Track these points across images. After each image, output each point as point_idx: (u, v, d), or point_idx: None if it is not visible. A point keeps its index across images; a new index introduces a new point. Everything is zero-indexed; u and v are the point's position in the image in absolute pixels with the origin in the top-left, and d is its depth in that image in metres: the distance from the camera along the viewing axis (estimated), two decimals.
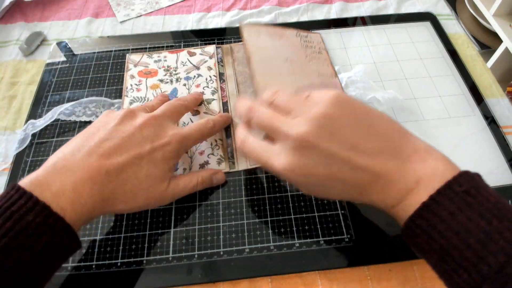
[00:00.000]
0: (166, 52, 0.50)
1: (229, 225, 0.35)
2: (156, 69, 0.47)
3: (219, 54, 0.49)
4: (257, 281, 0.33)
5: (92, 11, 0.58)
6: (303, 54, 0.46)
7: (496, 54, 1.09)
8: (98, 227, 0.36)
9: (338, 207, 0.36)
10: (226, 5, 0.58)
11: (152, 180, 0.31)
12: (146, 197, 0.31)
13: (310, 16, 0.56)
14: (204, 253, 0.34)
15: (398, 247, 0.34)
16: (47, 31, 0.55)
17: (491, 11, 1.07)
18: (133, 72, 0.47)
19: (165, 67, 0.48)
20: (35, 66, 0.50)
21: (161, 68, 0.47)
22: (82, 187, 0.28)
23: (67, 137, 0.42)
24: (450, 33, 0.52)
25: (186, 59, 0.48)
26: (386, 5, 0.56)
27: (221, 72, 0.47)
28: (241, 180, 0.38)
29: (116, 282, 0.33)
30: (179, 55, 0.49)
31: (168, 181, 0.33)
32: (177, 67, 0.48)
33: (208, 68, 0.47)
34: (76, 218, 0.27)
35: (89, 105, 0.44)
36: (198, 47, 0.50)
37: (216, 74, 0.46)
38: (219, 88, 0.45)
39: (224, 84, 0.46)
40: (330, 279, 0.33)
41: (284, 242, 0.34)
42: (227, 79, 0.47)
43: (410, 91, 0.45)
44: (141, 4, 0.59)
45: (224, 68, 0.48)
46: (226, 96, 0.45)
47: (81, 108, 0.44)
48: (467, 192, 0.23)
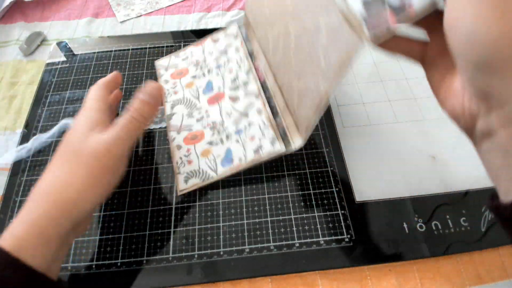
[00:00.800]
0: (192, 46, 0.48)
1: (229, 225, 0.35)
2: (186, 67, 0.46)
3: (244, 31, 0.47)
4: (257, 281, 0.33)
5: (92, 11, 0.58)
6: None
7: None
8: (98, 227, 0.36)
9: (338, 207, 0.36)
10: (226, 5, 0.58)
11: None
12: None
13: None
14: (204, 253, 0.34)
15: (398, 247, 0.34)
16: (47, 31, 0.55)
17: None
18: (166, 77, 0.46)
19: (194, 62, 0.47)
20: (35, 66, 0.50)
21: (191, 65, 0.46)
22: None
23: None
24: None
25: (212, 47, 0.47)
26: None
27: (250, 50, 0.44)
28: (241, 180, 0.38)
29: (116, 282, 0.33)
30: (204, 46, 0.48)
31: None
32: (205, 58, 0.46)
33: (236, 50, 0.45)
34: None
35: None
36: (220, 31, 0.48)
37: (245, 53, 0.44)
38: (252, 67, 0.42)
39: (256, 61, 0.42)
40: (330, 279, 0.33)
41: (284, 242, 0.34)
42: (258, 55, 0.43)
43: (410, 91, 0.45)
44: (141, 4, 0.59)
45: (251, 44, 0.44)
46: (262, 74, 0.41)
47: None
48: None
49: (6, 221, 0.36)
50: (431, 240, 0.34)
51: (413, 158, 0.39)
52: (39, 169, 0.40)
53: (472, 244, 0.34)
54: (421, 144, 0.40)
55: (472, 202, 0.36)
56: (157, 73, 0.47)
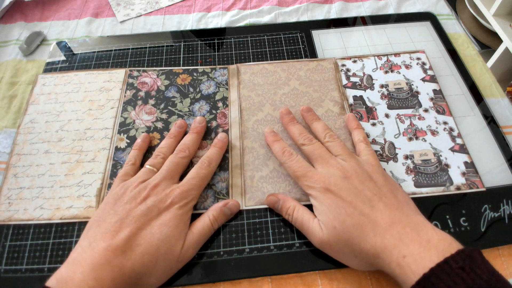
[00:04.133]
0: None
1: (229, 225, 0.35)
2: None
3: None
4: (257, 281, 0.33)
5: (92, 11, 0.58)
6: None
7: (496, 54, 1.09)
8: None
9: None
10: (226, 5, 0.58)
11: (168, 242, 0.31)
12: (168, 262, 0.31)
13: (310, 16, 0.56)
14: (204, 253, 0.34)
15: None
16: (47, 31, 0.55)
17: (491, 11, 1.07)
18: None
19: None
20: (35, 66, 0.50)
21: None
22: (101, 272, 0.28)
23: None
24: (450, 33, 0.52)
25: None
26: (386, 5, 0.56)
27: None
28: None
29: None
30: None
31: (184, 237, 0.33)
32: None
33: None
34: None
35: None
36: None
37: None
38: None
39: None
40: (330, 279, 0.33)
41: (284, 242, 0.34)
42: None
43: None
44: (141, 4, 0.59)
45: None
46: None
47: None
48: (462, 269, 0.25)
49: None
50: None
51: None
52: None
53: (472, 244, 0.34)
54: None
55: (471, 202, 0.36)
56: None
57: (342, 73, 0.46)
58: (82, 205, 0.37)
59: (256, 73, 0.47)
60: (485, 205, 0.36)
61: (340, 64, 0.47)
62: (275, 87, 0.45)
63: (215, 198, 0.37)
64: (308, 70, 0.47)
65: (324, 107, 0.43)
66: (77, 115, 0.44)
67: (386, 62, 0.47)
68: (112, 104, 0.44)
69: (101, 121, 0.43)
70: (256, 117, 0.42)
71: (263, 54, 0.49)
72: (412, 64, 0.47)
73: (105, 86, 0.46)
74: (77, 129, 0.42)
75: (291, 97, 0.44)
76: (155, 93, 0.45)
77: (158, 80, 0.46)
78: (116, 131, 0.42)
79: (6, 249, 0.35)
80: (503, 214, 0.35)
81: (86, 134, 0.42)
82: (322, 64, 0.47)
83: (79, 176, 0.39)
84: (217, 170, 0.38)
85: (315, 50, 0.50)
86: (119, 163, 0.39)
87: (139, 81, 0.46)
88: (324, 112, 0.43)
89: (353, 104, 0.44)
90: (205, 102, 0.44)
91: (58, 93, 0.46)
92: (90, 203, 0.37)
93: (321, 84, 0.45)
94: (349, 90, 0.45)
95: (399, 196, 0.32)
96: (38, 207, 0.37)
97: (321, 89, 0.45)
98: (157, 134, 0.42)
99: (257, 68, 0.47)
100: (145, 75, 0.47)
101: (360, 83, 0.45)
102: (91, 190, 0.38)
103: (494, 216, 0.35)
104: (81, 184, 0.38)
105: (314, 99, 0.44)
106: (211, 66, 0.48)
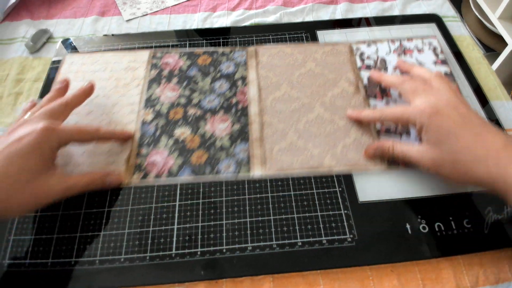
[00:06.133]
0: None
1: (232, 223, 0.36)
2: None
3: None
4: (259, 279, 0.33)
5: (98, 9, 0.58)
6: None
7: (501, 57, 1.09)
8: (102, 222, 0.36)
9: (341, 207, 0.36)
10: (232, 5, 0.58)
11: (27, 173, 0.31)
12: (29, 193, 0.32)
13: (315, 16, 0.56)
14: (207, 250, 0.34)
15: (400, 248, 0.34)
16: (53, 28, 0.55)
17: (496, 14, 1.07)
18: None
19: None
20: (41, 64, 0.51)
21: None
22: None
23: None
24: (455, 35, 0.52)
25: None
26: (391, 6, 0.56)
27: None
28: (244, 179, 0.38)
29: (119, 277, 0.33)
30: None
31: (51, 175, 0.33)
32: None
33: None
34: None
35: None
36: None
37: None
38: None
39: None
40: (332, 278, 0.33)
41: (287, 241, 0.34)
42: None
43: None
44: (147, 3, 0.59)
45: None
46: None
47: None
48: None
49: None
50: (433, 241, 0.34)
51: None
52: None
53: (475, 245, 0.34)
54: None
55: (475, 204, 0.36)
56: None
57: (357, 56, 0.49)
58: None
59: (274, 55, 0.49)
60: (489, 207, 0.36)
61: (354, 48, 0.50)
62: (292, 68, 0.47)
63: (236, 166, 0.39)
64: (324, 53, 0.49)
65: (339, 87, 0.45)
66: (104, 91, 0.46)
67: (399, 46, 0.49)
68: (138, 82, 0.47)
69: (127, 97, 0.45)
70: (274, 96, 0.45)
71: None
72: (424, 49, 0.49)
73: (130, 66, 0.48)
74: (105, 104, 0.45)
75: (307, 77, 0.46)
76: (177, 72, 0.48)
77: (180, 61, 0.49)
78: (142, 106, 0.44)
79: (10, 243, 0.35)
80: (506, 216, 0.35)
81: (114, 108, 0.44)
82: (337, 48, 0.50)
83: (108, 146, 0.41)
84: (238, 141, 0.41)
85: None
86: (145, 135, 0.42)
87: (162, 61, 0.49)
88: (339, 92, 0.45)
89: (367, 85, 0.45)
90: (225, 80, 0.46)
91: (85, 71, 0.48)
92: (120, 169, 0.39)
93: (336, 66, 0.47)
94: (363, 72, 0.47)
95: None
96: (69, 172, 0.39)
97: (336, 71, 0.47)
98: (180, 109, 0.44)
99: (274, 51, 0.49)
100: (168, 56, 0.49)
101: (374, 66, 0.47)
102: (120, 158, 0.40)
103: (497, 218, 0.35)
104: (110, 153, 0.40)
105: (330, 79, 0.46)
106: (230, 48, 0.50)
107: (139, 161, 0.40)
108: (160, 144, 0.41)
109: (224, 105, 0.44)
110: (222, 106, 0.44)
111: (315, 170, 0.38)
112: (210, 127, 0.42)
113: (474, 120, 0.33)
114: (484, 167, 0.30)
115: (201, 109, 0.44)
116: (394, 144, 0.37)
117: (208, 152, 0.40)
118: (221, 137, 0.41)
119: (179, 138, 0.41)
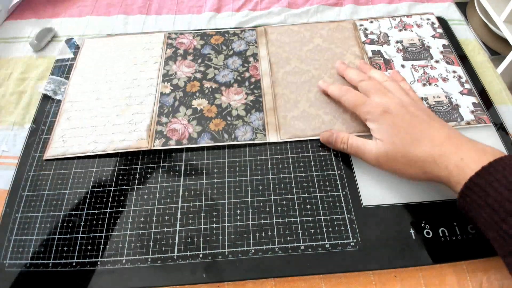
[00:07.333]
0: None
1: (235, 226, 0.35)
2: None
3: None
4: (261, 282, 0.33)
5: (104, 9, 0.58)
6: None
7: (507, 61, 1.08)
8: (104, 224, 0.36)
9: (345, 211, 0.36)
10: (236, 6, 0.58)
11: None
12: None
13: (320, 18, 0.56)
14: (209, 253, 0.34)
15: (404, 253, 0.33)
16: (58, 27, 0.55)
17: (502, 17, 1.06)
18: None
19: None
20: (45, 62, 0.51)
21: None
22: None
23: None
24: (460, 38, 0.51)
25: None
26: (396, 9, 0.56)
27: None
28: (247, 181, 0.38)
29: (121, 279, 0.33)
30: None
31: None
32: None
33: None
34: None
35: None
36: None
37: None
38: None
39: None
40: (334, 283, 0.33)
41: (289, 245, 0.34)
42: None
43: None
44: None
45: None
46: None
47: None
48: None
49: (12, 215, 0.37)
50: (437, 246, 0.34)
51: None
52: (46, 163, 0.40)
53: (479, 251, 0.33)
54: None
55: None
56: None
57: (361, 32, 0.52)
58: (134, 137, 0.41)
59: (282, 33, 0.52)
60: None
61: (358, 24, 0.53)
62: (301, 44, 0.51)
63: (253, 133, 0.42)
64: (330, 29, 0.52)
65: (346, 60, 0.48)
66: (123, 69, 0.49)
67: (400, 22, 0.53)
68: (155, 60, 0.50)
69: (146, 73, 0.48)
70: (285, 69, 0.48)
71: None
72: (422, 24, 0.53)
73: (147, 46, 0.51)
74: (125, 79, 0.47)
75: (315, 52, 0.49)
76: (192, 50, 0.51)
77: (194, 41, 0.52)
78: (160, 80, 0.47)
79: (11, 244, 0.35)
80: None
81: (133, 83, 0.47)
82: (342, 25, 0.53)
83: (130, 116, 0.43)
84: (253, 111, 0.44)
85: None
86: (164, 105, 0.44)
87: (177, 41, 0.52)
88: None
89: (372, 57, 0.49)
90: (237, 57, 0.50)
91: (104, 52, 0.51)
92: (142, 136, 0.41)
93: (342, 41, 0.51)
94: (367, 46, 0.50)
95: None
96: (92, 141, 0.41)
97: (342, 45, 0.50)
98: (197, 83, 0.47)
99: (282, 29, 0.53)
100: (182, 37, 0.53)
101: (377, 40, 0.51)
102: (142, 126, 0.42)
103: None
104: (132, 122, 0.43)
105: (337, 53, 0.49)
106: (240, 28, 0.54)
107: (160, 129, 0.42)
108: (179, 113, 0.44)
109: (238, 78, 0.47)
110: (236, 80, 0.47)
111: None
112: (226, 98, 0.45)
113: (422, 117, 0.35)
114: (431, 159, 0.32)
115: (217, 83, 0.47)
116: (350, 136, 0.38)
117: (225, 121, 0.43)
118: (236, 107, 0.44)
119: (197, 108, 0.44)
